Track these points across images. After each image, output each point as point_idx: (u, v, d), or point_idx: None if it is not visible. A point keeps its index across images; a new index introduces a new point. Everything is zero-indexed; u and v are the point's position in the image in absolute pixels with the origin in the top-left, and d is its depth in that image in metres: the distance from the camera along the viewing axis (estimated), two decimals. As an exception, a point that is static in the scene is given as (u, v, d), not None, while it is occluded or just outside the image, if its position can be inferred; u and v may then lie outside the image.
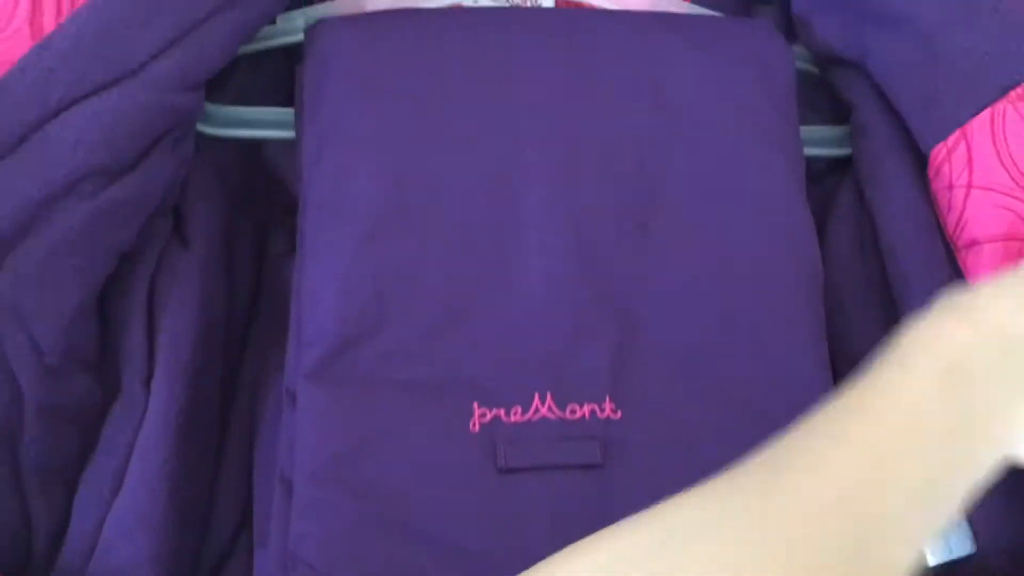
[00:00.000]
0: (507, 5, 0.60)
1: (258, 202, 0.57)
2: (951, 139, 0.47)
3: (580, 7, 0.59)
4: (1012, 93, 0.46)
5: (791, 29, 0.58)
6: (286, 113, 0.54)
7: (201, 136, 0.53)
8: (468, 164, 0.48)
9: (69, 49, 0.44)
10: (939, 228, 0.49)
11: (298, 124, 0.51)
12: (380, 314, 0.45)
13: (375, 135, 0.48)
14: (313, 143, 0.48)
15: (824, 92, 0.58)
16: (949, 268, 0.48)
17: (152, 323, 0.48)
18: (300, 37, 0.54)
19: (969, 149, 0.46)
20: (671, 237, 0.49)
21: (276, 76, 0.57)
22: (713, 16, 0.56)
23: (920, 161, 0.50)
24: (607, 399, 0.46)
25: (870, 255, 0.52)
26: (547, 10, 0.58)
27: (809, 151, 0.54)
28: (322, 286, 0.46)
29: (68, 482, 0.46)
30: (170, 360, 0.47)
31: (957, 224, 0.47)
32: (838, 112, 0.57)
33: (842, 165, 0.56)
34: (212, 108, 0.53)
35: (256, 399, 0.52)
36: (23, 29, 0.45)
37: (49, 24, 0.45)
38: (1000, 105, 0.46)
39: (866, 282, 0.52)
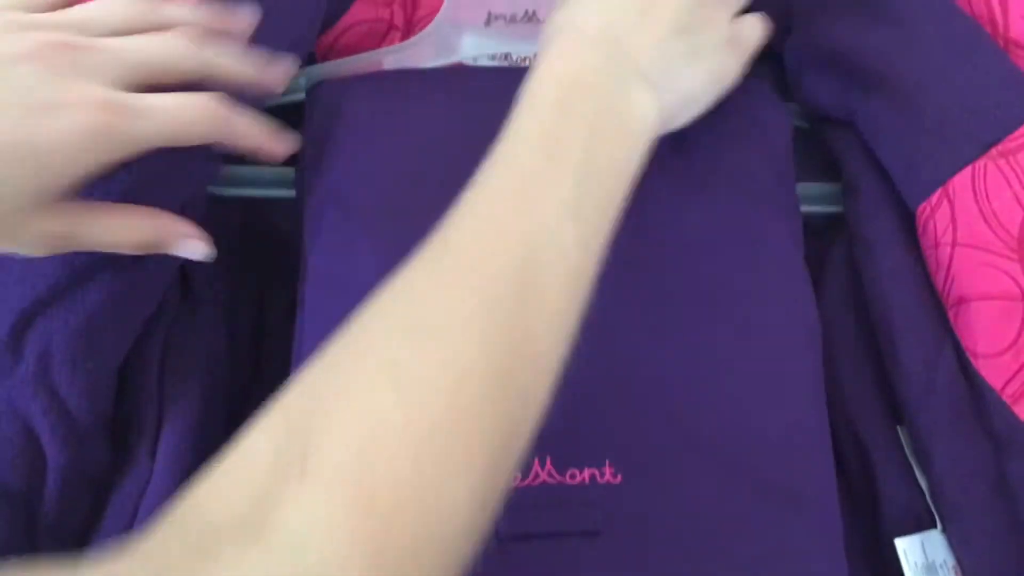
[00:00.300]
0: (507, 65, 0.62)
1: (258, 264, 0.58)
2: (934, 197, 0.47)
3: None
4: (992, 150, 0.45)
5: (787, 86, 0.58)
6: (286, 172, 0.55)
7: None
8: None
9: None
10: (929, 286, 0.49)
11: (299, 187, 0.52)
12: None
13: (379, 205, 0.48)
14: (315, 211, 0.49)
15: (819, 148, 0.58)
16: (939, 326, 0.48)
17: (161, 388, 0.48)
18: (301, 96, 0.55)
19: (952, 207, 0.46)
20: (669, 298, 0.49)
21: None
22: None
23: (909, 220, 0.50)
24: (607, 463, 0.46)
25: (862, 312, 0.52)
26: None
27: (805, 208, 0.54)
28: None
29: (80, 544, 0.46)
30: (176, 427, 0.47)
31: (945, 282, 0.47)
32: (834, 168, 0.57)
33: (837, 221, 0.56)
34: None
35: None
36: None
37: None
38: (980, 163, 0.46)
39: (857, 339, 0.52)
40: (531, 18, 0.59)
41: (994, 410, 0.46)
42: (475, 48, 0.62)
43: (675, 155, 0.50)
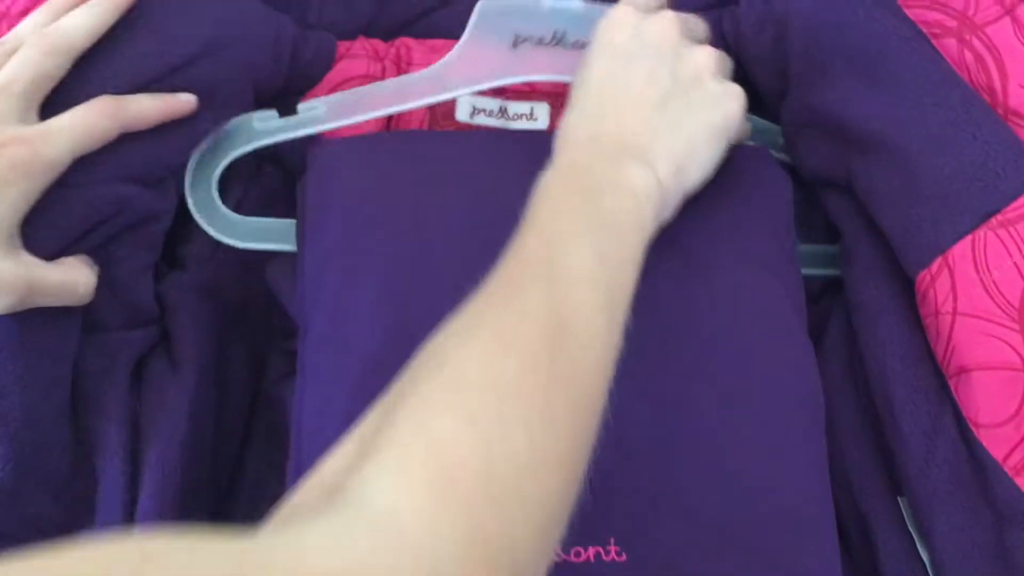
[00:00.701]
0: (501, 126, 0.62)
1: (254, 323, 0.56)
2: (934, 266, 0.46)
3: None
4: (993, 220, 0.45)
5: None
6: (287, 224, 0.54)
7: (192, 255, 0.54)
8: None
9: None
10: (928, 355, 0.48)
11: (299, 245, 0.51)
12: None
13: (377, 264, 0.48)
14: (314, 270, 0.48)
15: (819, 209, 0.57)
16: (939, 395, 0.47)
17: (137, 449, 0.47)
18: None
19: (952, 276, 0.46)
20: (670, 372, 0.48)
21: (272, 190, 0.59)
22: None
23: (908, 286, 0.49)
24: (611, 542, 0.45)
25: (861, 380, 0.51)
26: (543, 135, 0.58)
27: (804, 271, 0.54)
28: (325, 423, 0.45)
29: None
30: (158, 488, 0.46)
31: (946, 351, 0.46)
32: (833, 230, 0.57)
33: (837, 285, 0.56)
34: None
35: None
36: None
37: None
38: (980, 232, 0.45)
39: (857, 407, 0.51)
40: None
41: (996, 481, 0.45)
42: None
43: (675, 225, 0.49)
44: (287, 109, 0.59)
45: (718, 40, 0.59)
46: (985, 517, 0.46)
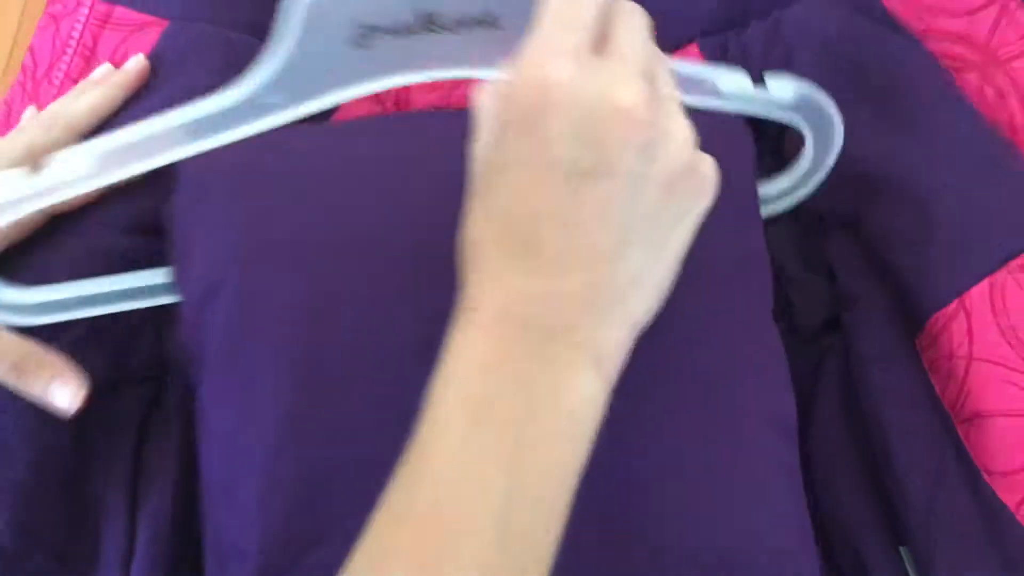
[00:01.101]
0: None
1: None
2: (950, 308, 0.45)
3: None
4: (1012, 263, 0.44)
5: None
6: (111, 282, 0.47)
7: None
8: (384, 324, 0.43)
9: None
10: (929, 402, 0.46)
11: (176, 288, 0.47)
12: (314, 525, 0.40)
13: (275, 305, 0.43)
14: (197, 318, 0.44)
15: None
16: (939, 443, 0.45)
17: (135, 506, 0.46)
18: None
19: (969, 319, 0.44)
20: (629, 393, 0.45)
21: None
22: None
23: (907, 333, 0.48)
24: None
25: (858, 427, 0.50)
26: (452, 115, 0.50)
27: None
28: (238, 494, 0.42)
29: None
30: (148, 551, 0.44)
31: (958, 396, 0.45)
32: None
33: (835, 323, 0.53)
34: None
35: None
36: None
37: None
38: (1000, 275, 0.44)
39: (855, 455, 0.49)
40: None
41: (1007, 530, 0.43)
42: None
43: None
44: None
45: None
46: (992, 567, 0.44)
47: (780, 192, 0.52)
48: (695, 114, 0.38)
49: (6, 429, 0.41)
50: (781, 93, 0.45)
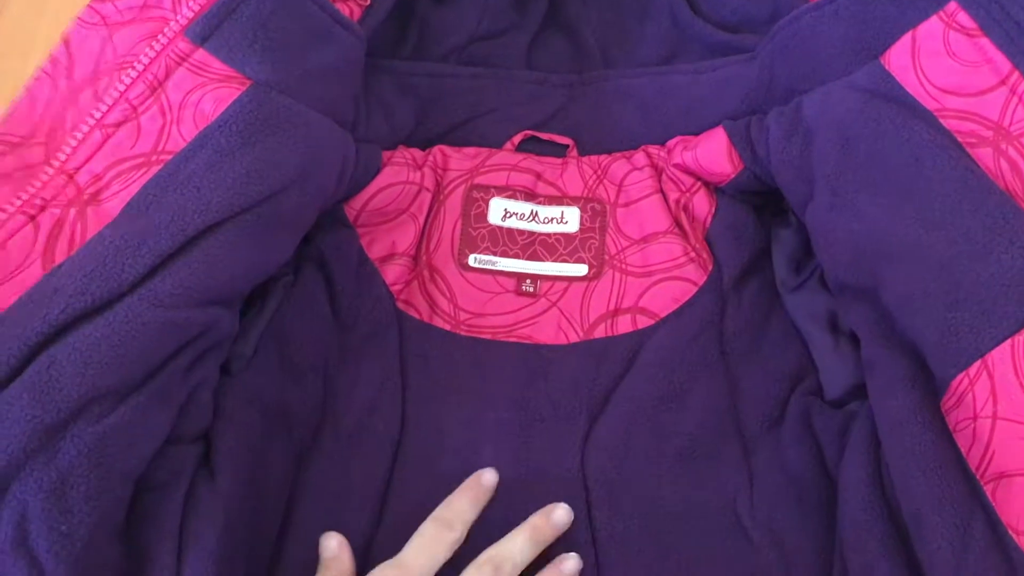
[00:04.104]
0: (532, 229, 0.62)
1: (294, 425, 0.55)
2: (972, 369, 0.45)
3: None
4: (1031, 324, 0.44)
5: (811, 248, 0.58)
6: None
7: (235, 357, 0.53)
8: None
9: (71, 270, 0.44)
10: (956, 464, 0.46)
11: None
12: None
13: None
14: None
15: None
16: (967, 504, 0.45)
17: (180, 559, 0.45)
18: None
19: (992, 380, 0.44)
20: None
21: None
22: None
23: (931, 397, 0.48)
24: None
25: (888, 488, 0.49)
26: None
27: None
28: None
29: None
30: None
31: (983, 456, 0.45)
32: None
33: (860, 390, 0.54)
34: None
35: None
36: (36, 263, 0.46)
37: (61, 257, 0.46)
38: (1020, 336, 0.43)
39: (883, 517, 0.49)
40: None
41: (1036, 589, 0.43)
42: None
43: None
44: (333, 214, 0.59)
45: (744, 147, 0.60)
46: None
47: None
48: None
49: (77, 484, 0.41)
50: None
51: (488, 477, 0.54)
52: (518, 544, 0.51)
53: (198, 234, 0.47)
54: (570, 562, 0.51)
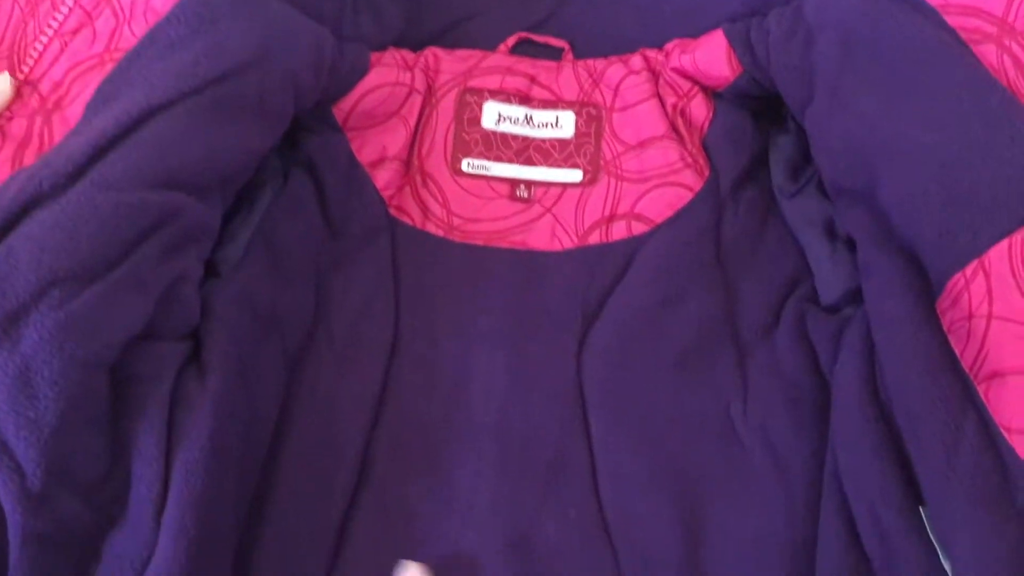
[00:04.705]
0: (526, 134, 0.61)
1: (285, 329, 0.54)
2: (969, 269, 0.44)
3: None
4: (1030, 222, 0.43)
5: (809, 154, 0.57)
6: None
7: (224, 261, 0.52)
8: None
9: (31, 167, 0.44)
10: (950, 364, 0.46)
11: None
12: None
13: None
14: None
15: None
16: (960, 405, 0.45)
17: (168, 456, 0.45)
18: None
19: (988, 279, 0.44)
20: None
21: None
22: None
23: (926, 299, 0.47)
24: None
25: (880, 392, 0.49)
26: None
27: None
28: None
29: None
30: (181, 496, 0.44)
31: (977, 356, 0.44)
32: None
33: (858, 295, 0.53)
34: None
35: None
36: (5, 170, 0.48)
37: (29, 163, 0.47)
38: (1018, 235, 0.43)
39: (875, 418, 0.49)
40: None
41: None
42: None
43: None
44: (321, 117, 0.58)
45: (744, 50, 0.58)
46: (1012, 527, 0.43)
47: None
48: None
49: (41, 371, 0.41)
50: None
51: None
52: None
53: (144, 115, 0.46)
54: None
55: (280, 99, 0.53)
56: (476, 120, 0.62)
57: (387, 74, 0.60)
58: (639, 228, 0.59)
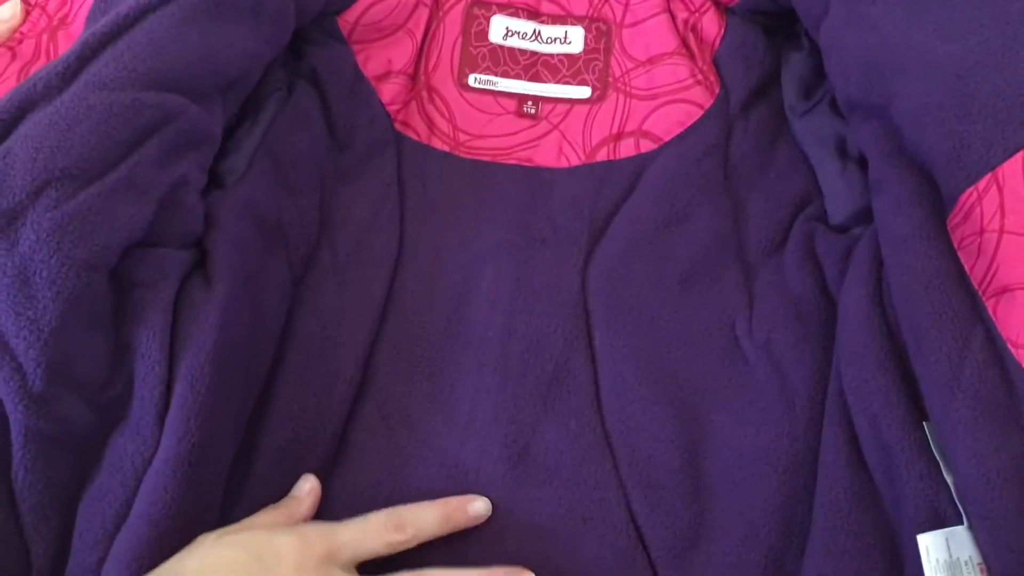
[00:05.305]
0: (534, 49, 0.60)
1: (289, 240, 0.54)
2: (981, 183, 0.44)
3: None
4: (1046, 136, 0.42)
5: (822, 72, 0.56)
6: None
7: (229, 172, 0.52)
8: None
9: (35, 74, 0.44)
10: (958, 279, 0.45)
11: None
12: None
13: None
14: None
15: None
16: (967, 319, 0.45)
17: (173, 361, 0.46)
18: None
19: (1001, 193, 0.43)
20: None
21: None
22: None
23: (937, 215, 0.47)
24: None
25: (887, 307, 0.49)
26: None
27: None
28: None
29: (65, 515, 0.43)
30: (185, 400, 0.44)
31: (987, 271, 0.44)
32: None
33: (867, 214, 0.53)
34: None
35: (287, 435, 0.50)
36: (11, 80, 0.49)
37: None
38: None
39: (881, 334, 0.49)
40: None
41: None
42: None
43: None
44: (325, 29, 0.57)
45: None
46: (1015, 441, 0.44)
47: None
48: None
49: (39, 270, 0.41)
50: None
51: (477, 507, 0.49)
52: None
53: (137, 16, 0.47)
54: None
55: (278, 5, 0.52)
56: (484, 34, 0.61)
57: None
58: (647, 146, 0.59)
